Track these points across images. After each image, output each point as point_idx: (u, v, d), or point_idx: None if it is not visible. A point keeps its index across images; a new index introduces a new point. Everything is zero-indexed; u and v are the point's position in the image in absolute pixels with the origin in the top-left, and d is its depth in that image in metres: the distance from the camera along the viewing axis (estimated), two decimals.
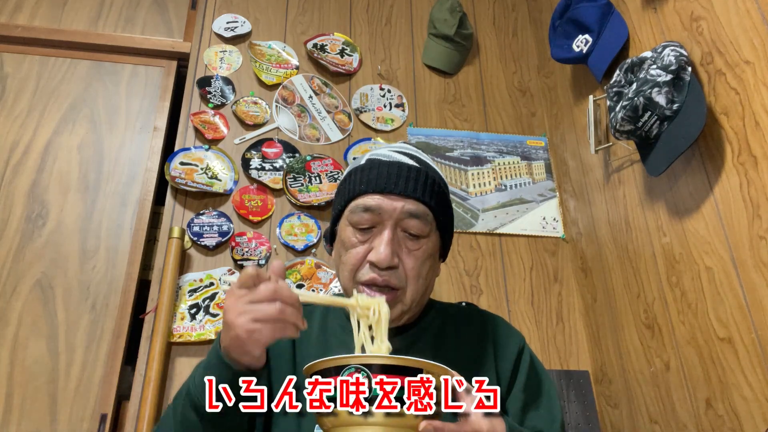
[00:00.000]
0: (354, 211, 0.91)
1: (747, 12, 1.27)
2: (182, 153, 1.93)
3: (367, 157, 0.97)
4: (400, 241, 0.90)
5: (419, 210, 0.90)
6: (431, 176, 0.94)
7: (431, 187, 0.93)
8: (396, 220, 0.90)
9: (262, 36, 2.23)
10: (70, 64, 2.08)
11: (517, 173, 2.15)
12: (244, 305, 0.73)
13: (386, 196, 0.90)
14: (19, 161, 1.89)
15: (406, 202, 0.90)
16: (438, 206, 0.93)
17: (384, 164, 0.93)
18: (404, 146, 1.00)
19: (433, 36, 2.29)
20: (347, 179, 0.97)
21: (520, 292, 1.95)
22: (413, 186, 0.91)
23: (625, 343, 1.69)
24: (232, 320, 0.73)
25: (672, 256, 1.50)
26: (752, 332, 1.23)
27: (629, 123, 1.45)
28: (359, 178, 0.93)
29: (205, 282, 1.77)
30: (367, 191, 0.91)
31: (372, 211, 0.90)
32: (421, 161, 0.96)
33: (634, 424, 1.63)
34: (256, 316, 0.72)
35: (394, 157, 0.95)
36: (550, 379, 0.99)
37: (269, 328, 0.73)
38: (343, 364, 0.66)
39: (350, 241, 0.91)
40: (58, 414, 1.61)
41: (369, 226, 0.90)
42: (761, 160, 1.21)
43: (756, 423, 1.21)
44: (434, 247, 0.94)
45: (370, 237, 0.90)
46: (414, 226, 0.90)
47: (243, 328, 0.72)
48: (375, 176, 0.92)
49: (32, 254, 1.78)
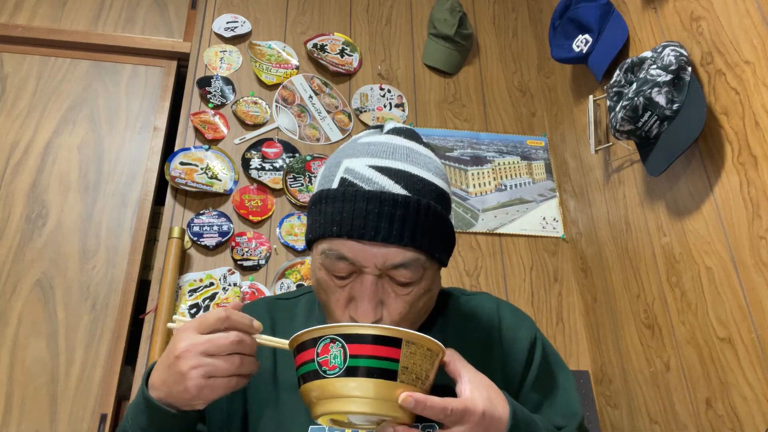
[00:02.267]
0: (327, 256, 0.74)
1: (747, 12, 1.27)
2: (182, 153, 1.93)
3: (341, 175, 0.75)
4: (385, 286, 0.74)
5: (407, 258, 0.72)
6: (424, 205, 0.73)
7: (424, 221, 0.73)
8: (378, 272, 0.73)
9: (262, 36, 2.23)
10: (70, 64, 2.08)
11: (517, 173, 2.16)
12: (199, 357, 0.65)
13: (364, 243, 0.72)
14: (19, 161, 1.89)
15: (389, 252, 0.72)
16: (432, 242, 0.74)
17: (361, 196, 0.72)
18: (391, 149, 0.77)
19: (433, 36, 2.29)
20: (317, 204, 0.76)
21: (520, 292, 1.95)
22: (399, 230, 0.71)
23: (625, 343, 1.69)
24: (185, 372, 0.65)
25: (672, 256, 1.50)
26: (752, 332, 1.23)
27: (629, 123, 1.45)
28: (331, 212, 0.73)
29: (205, 282, 1.77)
30: (340, 235, 0.72)
31: (347, 260, 0.72)
32: (412, 180, 0.74)
33: (634, 424, 1.63)
34: (212, 372, 0.65)
35: (376, 181, 0.73)
36: (566, 371, 0.88)
37: (222, 384, 0.66)
38: (318, 336, 0.64)
39: (327, 284, 0.76)
40: (58, 414, 1.61)
41: (346, 274, 0.74)
42: (761, 160, 1.21)
43: (756, 423, 1.21)
44: (429, 283, 0.77)
45: (350, 282, 0.75)
46: (402, 275, 0.73)
47: (194, 382, 0.65)
48: (350, 215, 0.72)
49: (32, 254, 1.78)
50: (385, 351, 0.63)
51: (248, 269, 1.82)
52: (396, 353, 0.63)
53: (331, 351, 0.63)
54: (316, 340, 0.64)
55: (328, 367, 0.63)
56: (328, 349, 0.63)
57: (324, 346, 0.64)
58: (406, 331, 0.64)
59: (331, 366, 0.63)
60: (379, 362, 0.62)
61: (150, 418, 0.70)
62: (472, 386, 0.66)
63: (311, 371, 0.64)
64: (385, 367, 0.62)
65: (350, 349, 0.62)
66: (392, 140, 0.79)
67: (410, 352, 0.63)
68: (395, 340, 0.63)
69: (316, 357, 0.64)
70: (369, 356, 0.62)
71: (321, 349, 0.64)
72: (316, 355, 0.64)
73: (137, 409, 0.72)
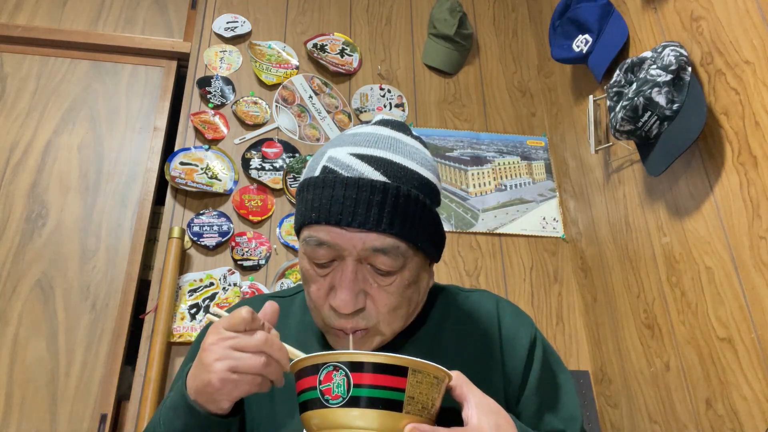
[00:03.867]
0: (308, 243, 0.74)
1: (747, 12, 1.27)
2: (182, 153, 1.93)
3: (323, 163, 0.76)
4: (366, 275, 0.74)
5: (386, 244, 0.72)
6: (404, 192, 0.73)
7: (404, 208, 0.73)
8: (358, 258, 0.73)
9: (262, 36, 2.23)
10: (70, 64, 2.08)
11: (517, 173, 2.15)
12: (227, 350, 0.64)
13: (342, 229, 0.72)
14: (19, 161, 1.89)
15: (368, 237, 0.72)
16: (413, 231, 0.74)
17: (340, 182, 0.72)
18: (375, 138, 0.77)
19: (433, 36, 2.29)
20: (300, 193, 0.78)
21: (520, 292, 1.95)
22: (377, 215, 0.71)
23: (625, 343, 1.69)
24: (209, 363, 0.64)
25: (672, 256, 1.50)
26: (752, 332, 1.23)
27: (629, 123, 1.45)
28: (311, 199, 0.74)
29: (205, 282, 1.77)
30: (319, 221, 0.73)
31: (326, 245, 0.73)
32: (392, 167, 0.74)
33: (634, 424, 1.63)
34: (237, 366, 0.64)
35: (356, 168, 0.73)
36: (565, 372, 0.87)
37: (247, 381, 0.64)
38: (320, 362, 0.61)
39: (309, 273, 0.77)
40: (58, 414, 1.61)
41: (326, 261, 0.75)
42: (761, 160, 1.21)
43: (756, 423, 1.21)
44: (413, 275, 0.76)
45: (331, 270, 0.75)
46: (382, 263, 0.73)
47: (218, 375, 0.64)
48: (329, 201, 0.72)
49: (32, 254, 1.78)
50: (391, 380, 0.60)
51: (248, 269, 1.82)
52: (402, 382, 0.60)
53: (335, 379, 0.60)
54: (318, 367, 0.61)
55: (331, 396, 0.60)
56: (331, 377, 0.60)
57: (327, 373, 0.61)
58: (412, 359, 0.60)
59: (334, 395, 0.60)
60: (384, 392, 0.59)
61: (185, 418, 0.69)
62: (480, 412, 0.64)
63: (313, 399, 0.61)
64: (390, 398, 0.59)
65: (354, 378, 0.60)
66: (377, 130, 0.79)
67: (416, 381, 0.61)
68: (401, 368, 0.60)
69: (318, 385, 0.61)
70: (374, 386, 0.59)
71: (323, 377, 0.61)
72: (318, 382, 0.61)
73: (174, 412, 0.70)
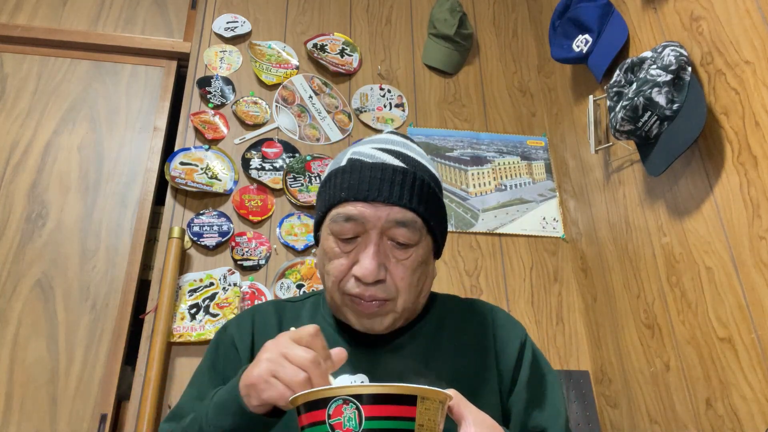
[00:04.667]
0: (335, 220, 0.84)
1: (747, 12, 1.27)
2: (182, 153, 1.93)
3: (348, 156, 0.89)
4: (387, 250, 0.84)
5: (407, 218, 0.83)
6: (419, 177, 0.86)
7: (420, 189, 0.85)
8: (381, 230, 0.83)
9: (262, 36, 2.23)
10: (70, 64, 2.08)
11: (517, 173, 2.15)
12: (278, 355, 0.69)
13: (369, 204, 0.83)
14: (19, 161, 1.89)
15: (392, 210, 0.83)
16: (428, 210, 0.86)
17: (366, 167, 0.85)
18: (390, 139, 0.91)
19: (433, 36, 2.29)
20: (327, 182, 0.89)
21: (520, 292, 1.95)
22: (399, 192, 0.83)
23: (625, 343, 1.69)
24: (260, 360, 0.70)
25: (672, 256, 1.50)
26: (752, 332, 1.23)
27: (629, 123, 1.45)
28: (340, 182, 0.86)
29: (205, 282, 1.77)
30: (348, 199, 0.84)
31: (354, 220, 0.83)
32: (408, 159, 0.88)
33: (634, 424, 1.63)
34: (277, 372, 0.68)
35: (378, 157, 0.87)
36: (553, 373, 0.95)
37: (279, 390, 0.68)
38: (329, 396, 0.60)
39: (333, 251, 0.85)
40: (58, 414, 1.61)
41: (352, 236, 0.84)
42: (761, 160, 1.21)
43: (756, 423, 1.21)
44: (426, 254, 0.88)
45: (355, 247, 0.84)
46: (402, 235, 0.83)
47: (259, 373, 0.69)
48: (357, 181, 0.84)
49: (32, 254, 1.78)
50: (402, 410, 0.60)
51: (248, 269, 1.82)
52: (412, 411, 0.60)
53: (345, 413, 0.59)
54: (327, 401, 0.60)
55: (342, 430, 0.59)
56: (341, 411, 0.60)
57: (336, 407, 0.60)
58: (420, 387, 0.61)
59: (346, 429, 0.59)
60: (397, 422, 0.59)
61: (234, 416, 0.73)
62: (477, 429, 0.66)
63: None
64: (402, 428, 0.59)
65: (366, 411, 0.59)
66: (390, 136, 0.93)
67: (425, 408, 0.61)
68: (411, 398, 0.60)
69: (327, 419, 0.60)
70: (386, 417, 0.59)
71: (333, 411, 0.60)
72: (328, 416, 0.60)
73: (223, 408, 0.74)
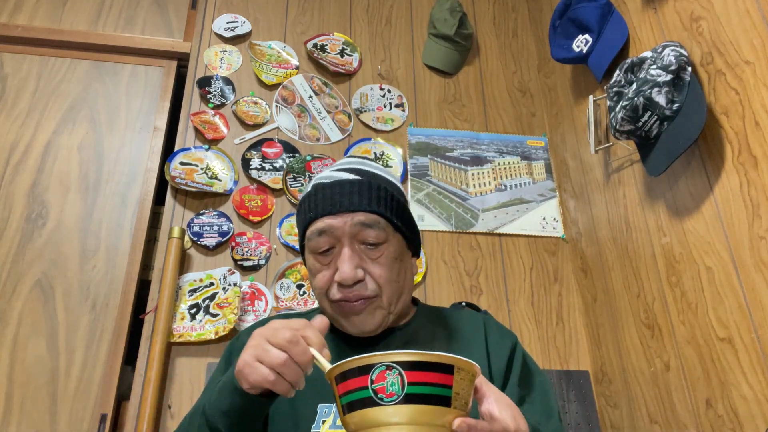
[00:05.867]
0: (310, 238, 0.94)
1: (747, 12, 1.27)
2: (182, 153, 1.93)
3: (313, 183, 0.99)
4: (360, 253, 0.93)
5: (369, 219, 0.92)
6: (375, 184, 0.95)
7: (377, 193, 0.94)
8: (350, 235, 0.92)
9: (262, 36, 2.23)
10: (70, 64, 2.08)
11: (517, 173, 2.15)
12: (261, 340, 0.73)
13: (335, 215, 0.92)
14: (19, 161, 1.89)
15: (355, 216, 0.92)
16: (388, 210, 0.95)
17: (326, 186, 0.95)
18: (347, 161, 1.01)
19: (433, 36, 2.29)
20: (299, 210, 0.99)
21: (520, 292, 1.95)
22: (357, 199, 0.93)
23: (625, 343, 1.69)
24: (247, 347, 0.74)
25: (672, 256, 1.50)
26: (752, 332, 1.23)
27: (629, 123, 1.45)
28: (308, 205, 0.96)
29: (205, 282, 1.77)
30: (316, 217, 0.94)
31: (325, 232, 0.93)
32: (363, 172, 0.97)
33: (634, 424, 1.63)
34: (260, 356, 0.72)
35: (336, 176, 0.97)
36: (543, 375, 1.00)
37: (262, 373, 0.72)
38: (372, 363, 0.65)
39: (315, 267, 0.95)
40: (58, 414, 1.61)
41: (327, 248, 0.93)
42: (761, 160, 1.21)
43: (756, 423, 1.21)
44: (397, 250, 0.96)
45: (332, 258, 0.93)
46: (370, 235, 0.92)
47: (245, 358, 0.73)
48: (320, 200, 0.94)
49: (32, 254, 1.78)
50: (441, 378, 0.64)
51: (248, 269, 1.82)
52: (449, 379, 0.64)
53: (388, 378, 0.63)
54: (369, 367, 0.64)
55: (385, 395, 0.63)
56: (384, 376, 0.64)
57: (379, 373, 0.64)
58: (458, 357, 0.65)
59: (389, 393, 0.63)
60: (436, 389, 0.63)
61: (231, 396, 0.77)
62: (500, 407, 0.70)
63: (364, 398, 0.64)
64: (441, 394, 0.63)
65: (408, 377, 0.63)
66: (349, 158, 1.05)
67: (460, 378, 0.65)
68: (449, 366, 0.64)
69: (370, 384, 0.64)
70: (427, 383, 0.63)
71: (376, 377, 0.64)
72: (371, 382, 0.64)
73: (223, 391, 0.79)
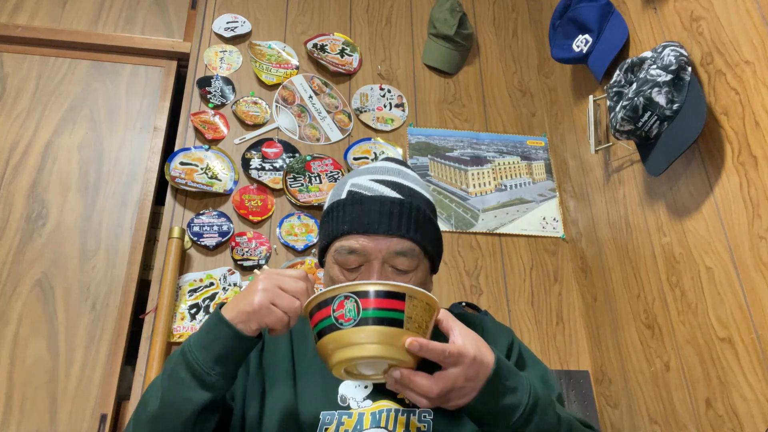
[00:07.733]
0: (340, 252, 0.91)
1: (747, 12, 1.27)
2: (182, 153, 1.93)
3: (348, 188, 0.95)
4: (388, 276, 0.91)
5: (405, 247, 0.90)
6: (415, 206, 0.92)
7: (416, 218, 0.92)
8: (383, 260, 0.90)
9: (262, 36, 2.23)
10: (70, 64, 2.08)
11: (517, 173, 2.15)
12: (274, 286, 0.79)
13: (370, 236, 0.90)
14: (19, 161, 1.89)
15: (391, 242, 0.90)
16: (425, 237, 0.93)
17: (366, 200, 0.92)
18: (386, 168, 0.97)
19: (433, 36, 2.29)
20: (329, 214, 0.96)
21: (520, 292, 1.95)
22: (397, 223, 0.90)
23: (625, 343, 1.69)
24: (257, 290, 0.79)
25: (672, 256, 1.50)
26: (752, 332, 1.23)
27: (629, 123, 1.45)
28: (342, 215, 0.93)
29: (205, 282, 1.77)
30: (350, 232, 0.91)
31: (357, 253, 0.90)
32: (404, 189, 0.94)
33: (634, 424, 1.63)
34: (275, 300, 0.78)
35: (376, 189, 0.93)
36: (541, 364, 1.01)
37: (277, 315, 0.78)
38: (334, 294, 0.74)
39: (339, 279, 0.92)
40: (58, 414, 1.61)
41: (356, 266, 0.91)
42: (761, 160, 1.21)
43: (756, 423, 1.21)
44: (424, 276, 0.94)
45: (358, 275, 0.91)
46: (401, 263, 0.90)
47: (260, 300, 0.78)
48: (357, 215, 0.91)
49: (32, 254, 1.78)
50: (392, 303, 0.73)
51: (248, 269, 1.82)
52: (401, 305, 0.73)
53: (346, 306, 0.73)
54: (332, 299, 0.74)
55: (344, 320, 0.73)
56: (343, 305, 0.73)
57: (339, 302, 0.74)
58: (408, 286, 0.74)
59: (347, 318, 0.73)
60: (388, 313, 0.72)
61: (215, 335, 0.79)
62: (464, 337, 0.76)
63: (328, 326, 0.74)
64: (392, 317, 0.72)
65: (362, 303, 0.73)
66: (386, 164, 1.00)
67: (412, 305, 0.73)
68: (399, 294, 0.73)
69: (332, 313, 0.74)
70: (379, 308, 0.72)
71: (337, 306, 0.74)
72: (332, 311, 0.74)
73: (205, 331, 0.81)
